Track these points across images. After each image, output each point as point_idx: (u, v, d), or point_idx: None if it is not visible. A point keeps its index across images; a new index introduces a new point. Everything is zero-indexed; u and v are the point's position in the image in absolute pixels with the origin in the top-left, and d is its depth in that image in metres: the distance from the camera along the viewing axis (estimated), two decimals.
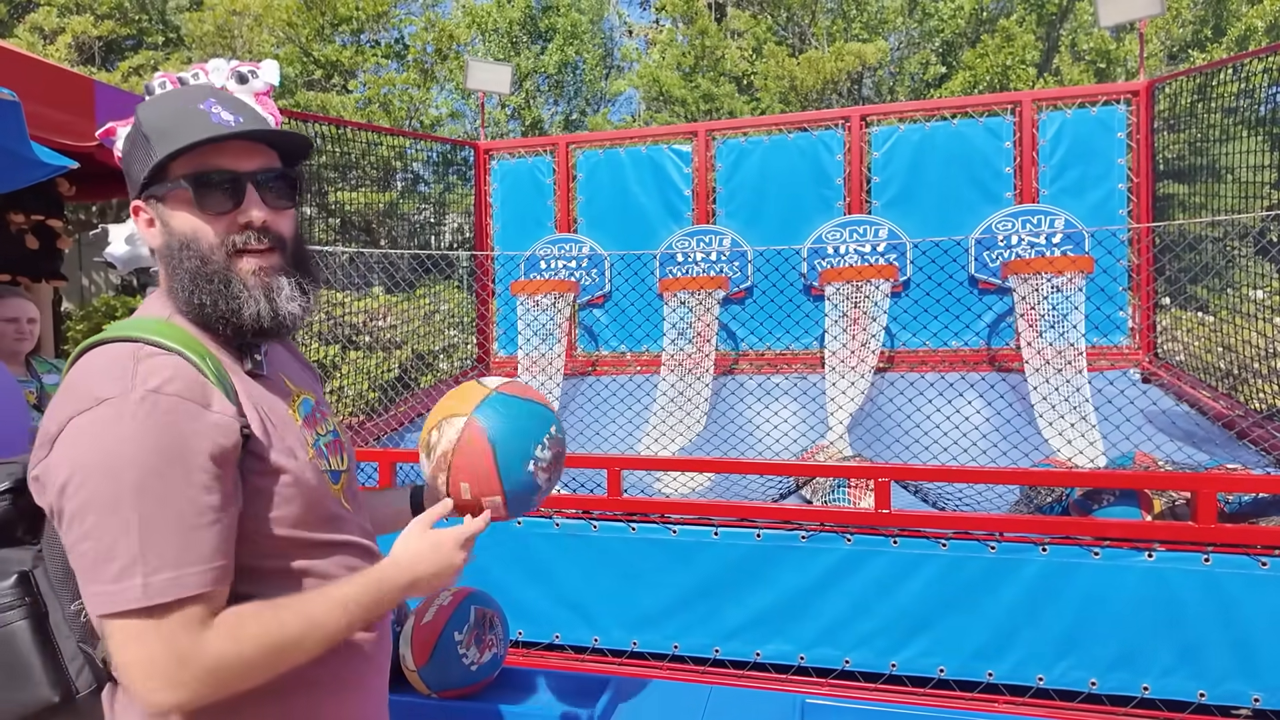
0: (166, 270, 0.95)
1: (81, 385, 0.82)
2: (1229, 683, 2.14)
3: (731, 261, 4.53)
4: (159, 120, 0.96)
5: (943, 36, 11.38)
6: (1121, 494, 2.54)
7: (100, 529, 0.77)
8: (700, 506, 2.59)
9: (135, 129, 0.98)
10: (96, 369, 0.83)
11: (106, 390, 0.79)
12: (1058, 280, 3.68)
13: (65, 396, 0.82)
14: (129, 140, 1.00)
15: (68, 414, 0.80)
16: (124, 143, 1.02)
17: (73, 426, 0.79)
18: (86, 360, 0.85)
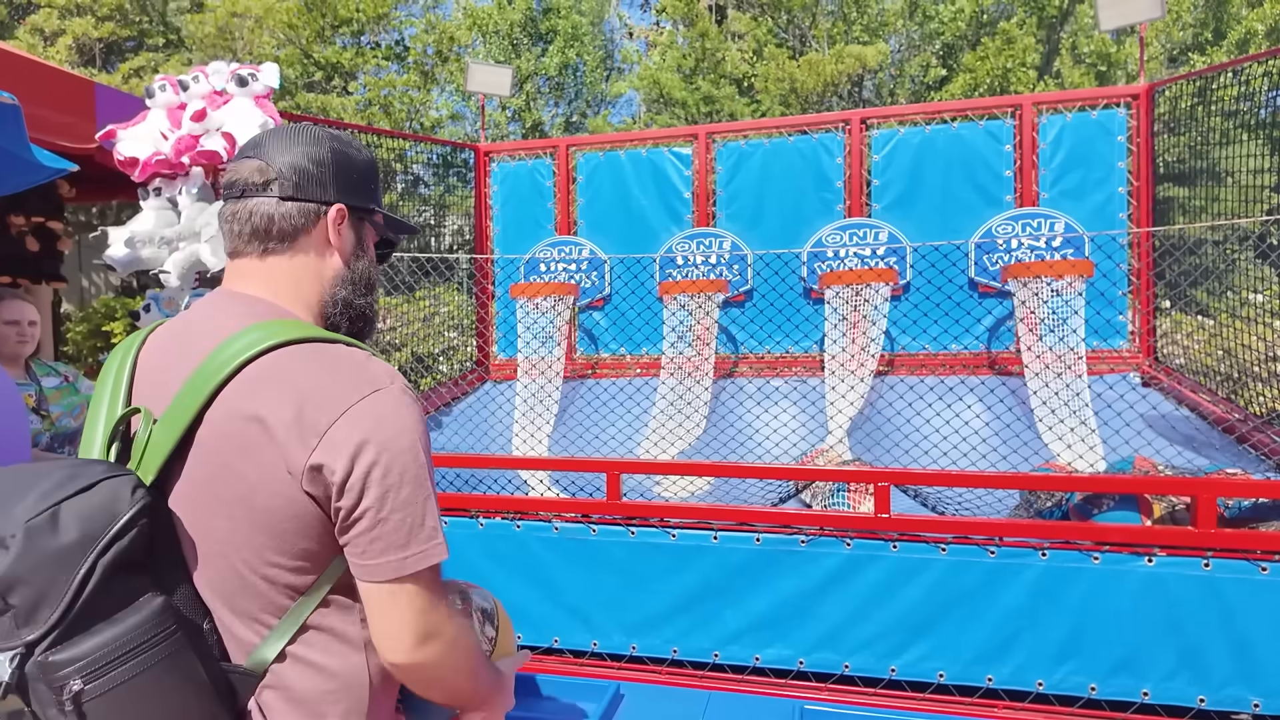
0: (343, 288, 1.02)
1: (339, 376, 0.85)
2: (1229, 688, 2.14)
3: (731, 264, 4.53)
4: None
5: (943, 39, 11.39)
6: (1121, 499, 2.54)
7: (415, 498, 0.85)
8: (700, 510, 2.59)
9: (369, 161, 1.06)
10: (351, 357, 0.88)
11: (375, 380, 0.86)
12: (1057, 284, 3.68)
13: (335, 373, 0.85)
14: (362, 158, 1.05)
15: (341, 403, 0.83)
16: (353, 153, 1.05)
17: (359, 411, 0.83)
18: (327, 352, 0.87)
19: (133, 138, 3.30)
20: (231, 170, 0.97)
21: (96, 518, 0.75)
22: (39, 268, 4.66)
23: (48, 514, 0.73)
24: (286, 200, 0.95)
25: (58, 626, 0.72)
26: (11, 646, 0.71)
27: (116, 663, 0.73)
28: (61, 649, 0.71)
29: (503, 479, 3.31)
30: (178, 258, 3.22)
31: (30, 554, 0.71)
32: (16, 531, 0.72)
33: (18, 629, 0.71)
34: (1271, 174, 3.62)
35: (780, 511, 2.62)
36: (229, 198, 0.98)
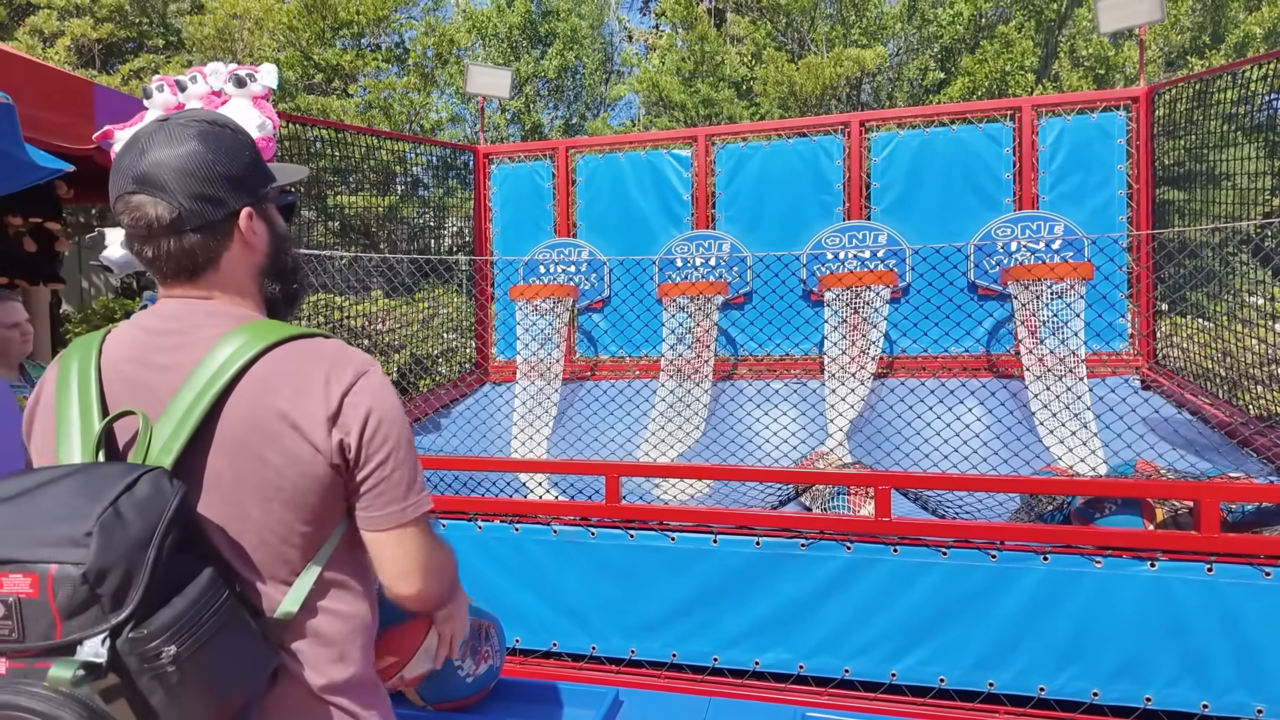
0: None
1: (335, 364, 0.99)
2: (1232, 694, 2.13)
3: (731, 267, 4.52)
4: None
5: (942, 42, 11.40)
6: (1123, 502, 2.53)
7: (408, 458, 1.02)
8: (699, 514, 2.58)
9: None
10: (334, 348, 1.01)
11: (363, 363, 1.01)
12: (1057, 286, 3.68)
13: (328, 362, 0.98)
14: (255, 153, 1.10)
15: (349, 376, 0.98)
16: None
17: (365, 383, 0.99)
18: (314, 346, 1.00)
19: None
20: (129, 210, 0.98)
21: (150, 508, 0.84)
22: (37, 268, 4.64)
23: (112, 510, 0.80)
24: (197, 230, 1.00)
25: (141, 605, 0.80)
26: (104, 629, 0.79)
27: (195, 625, 0.84)
28: (147, 624, 0.81)
29: (501, 481, 3.29)
30: None
31: (109, 547, 0.79)
32: (92, 529, 0.79)
33: (106, 614, 0.79)
34: (1269, 177, 3.62)
35: (780, 515, 2.61)
36: (137, 236, 1.00)
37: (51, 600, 0.78)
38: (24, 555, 0.79)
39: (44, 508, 0.82)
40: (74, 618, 0.78)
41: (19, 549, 0.79)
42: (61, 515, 0.81)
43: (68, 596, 0.78)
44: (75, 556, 0.78)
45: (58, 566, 0.78)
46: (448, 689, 1.82)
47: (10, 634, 0.79)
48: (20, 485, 0.85)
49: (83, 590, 0.78)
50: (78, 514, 0.80)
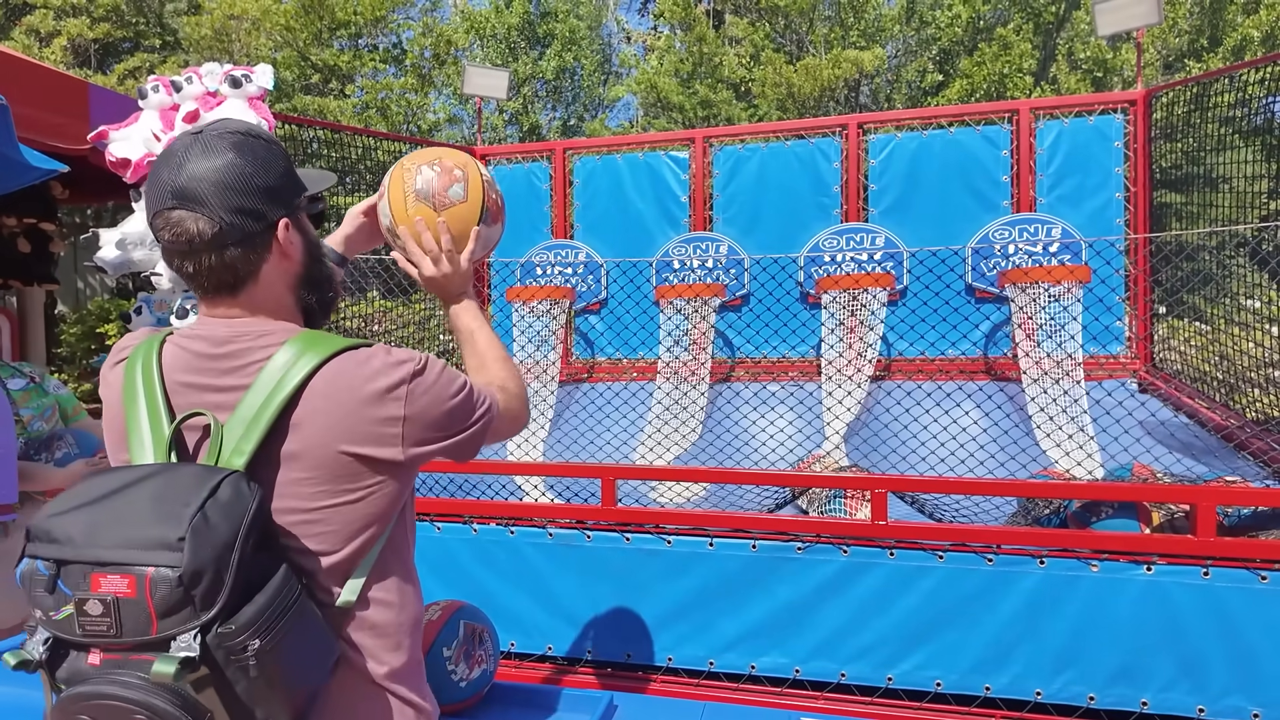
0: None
1: (394, 362, 1.02)
2: (1229, 698, 2.12)
3: (728, 269, 4.52)
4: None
5: (940, 44, 11.41)
6: (1120, 506, 2.53)
7: (457, 412, 1.08)
8: (695, 517, 2.57)
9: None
10: (382, 354, 1.03)
11: (417, 361, 1.05)
12: (1055, 289, 3.68)
13: (381, 377, 1.01)
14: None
15: (403, 379, 1.01)
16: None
17: (420, 383, 1.03)
18: (367, 354, 1.02)
19: (125, 139, 3.27)
20: (169, 226, 0.99)
21: (234, 511, 0.88)
22: (31, 269, 4.63)
23: (200, 515, 0.85)
24: (239, 244, 1.01)
25: (228, 603, 0.85)
26: (195, 625, 0.84)
27: (274, 620, 0.88)
28: (233, 620, 0.85)
29: (497, 484, 3.28)
30: None
31: (200, 550, 0.84)
32: (184, 534, 0.84)
33: (198, 613, 0.84)
34: (1267, 180, 3.62)
35: (777, 518, 2.60)
36: (177, 252, 1.01)
37: (149, 600, 0.83)
38: (121, 558, 0.84)
39: (135, 510, 0.87)
40: (169, 616, 0.84)
41: (116, 551, 0.84)
42: (152, 519, 0.86)
43: (164, 597, 0.83)
44: (170, 560, 0.83)
45: (155, 570, 0.83)
46: (441, 693, 1.81)
47: (108, 630, 0.84)
48: (107, 486, 0.89)
49: (178, 592, 0.83)
50: (168, 518, 0.85)
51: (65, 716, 0.86)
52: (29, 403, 2.44)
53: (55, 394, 2.55)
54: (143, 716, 0.83)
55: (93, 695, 0.84)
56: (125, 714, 0.84)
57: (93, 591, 0.83)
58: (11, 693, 1.68)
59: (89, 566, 0.84)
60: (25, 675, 1.78)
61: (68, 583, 0.84)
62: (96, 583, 0.83)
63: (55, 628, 0.86)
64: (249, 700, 0.88)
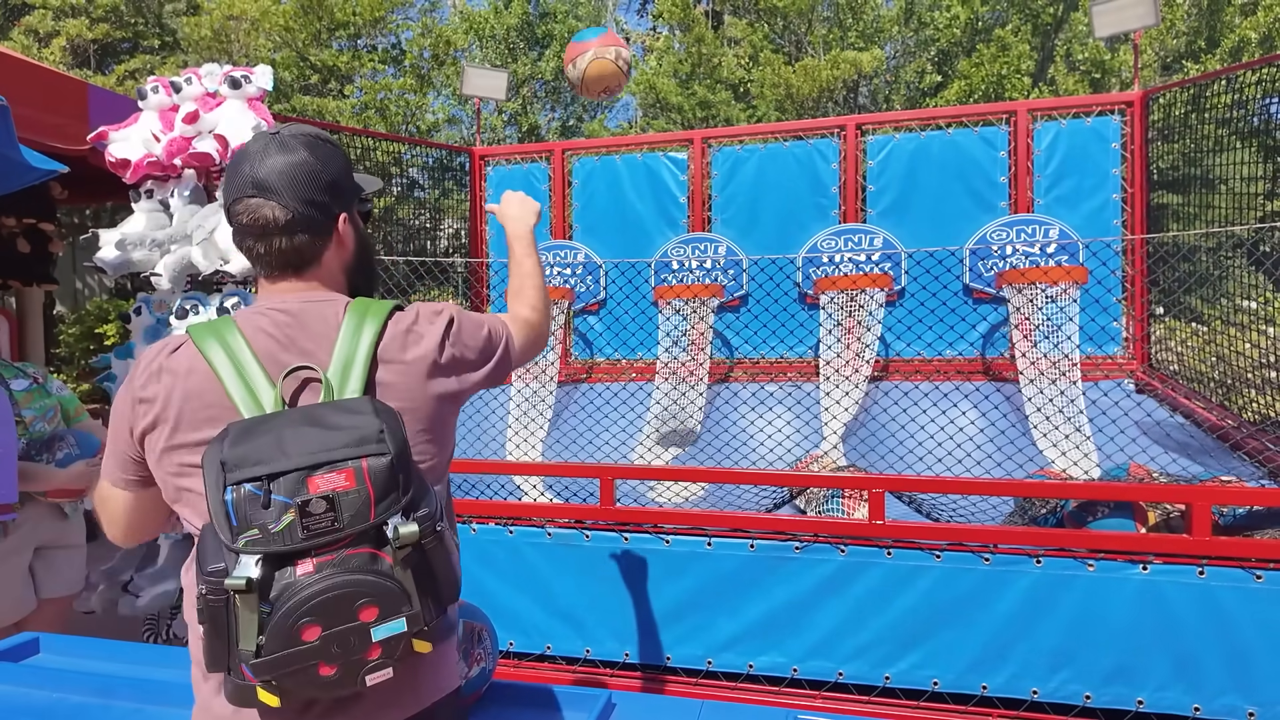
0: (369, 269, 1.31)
1: (434, 311, 1.20)
2: (1224, 697, 2.13)
3: (726, 269, 4.53)
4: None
5: (938, 46, 11.42)
6: (1116, 506, 2.54)
7: (488, 332, 1.27)
8: (693, 516, 2.58)
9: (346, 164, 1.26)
10: (427, 308, 1.21)
11: (449, 307, 1.23)
12: (1052, 290, 3.69)
13: (435, 320, 1.19)
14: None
15: (445, 321, 1.20)
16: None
17: (459, 318, 1.22)
18: (414, 309, 1.19)
19: (124, 139, 3.27)
20: (248, 211, 1.13)
21: (390, 418, 1.00)
22: (30, 269, 4.63)
23: (385, 416, 0.99)
24: (306, 231, 1.14)
25: (416, 489, 0.99)
26: (401, 507, 0.96)
27: (437, 524, 0.99)
28: (425, 504, 0.98)
29: (496, 484, 3.29)
30: (169, 260, 3.20)
31: (396, 439, 0.97)
32: (382, 428, 0.97)
33: (400, 496, 0.96)
34: (1264, 181, 3.64)
35: (774, 518, 2.61)
36: (252, 234, 1.14)
37: (370, 486, 0.93)
38: (334, 457, 0.94)
39: (312, 428, 0.96)
40: (383, 500, 0.94)
41: (326, 454, 0.94)
42: (341, 427, 0.96)
43: (383, 482, 0.94)
44: (380, 449, 0.95)
45: (370, 459, 0.94)
46: None
47: (332, 524, 0.92)
48: (264, 423, 0.98)
49: (391, 475, 0.94)
50: (356, 423, 0.97)
51: (289, 623, 0.90)
52: (32, 403, 2.45)
53: (58, 395, 2.56)
54: (370, 599, 0.92)
55: (323, 590, 0.90)
56: (352, 600, 0.91)
57: (312, 492, 0.92)
58: (12, 692, 1.69)
59: (303, 472, 0.92)
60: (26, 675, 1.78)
61: (283, 492, 0.92)
62: (313, 484, 0.92)
63: (274, 541, 0.91)
64: (436, 578, 0.98)
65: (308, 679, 0.92)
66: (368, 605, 0.92)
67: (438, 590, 1.00)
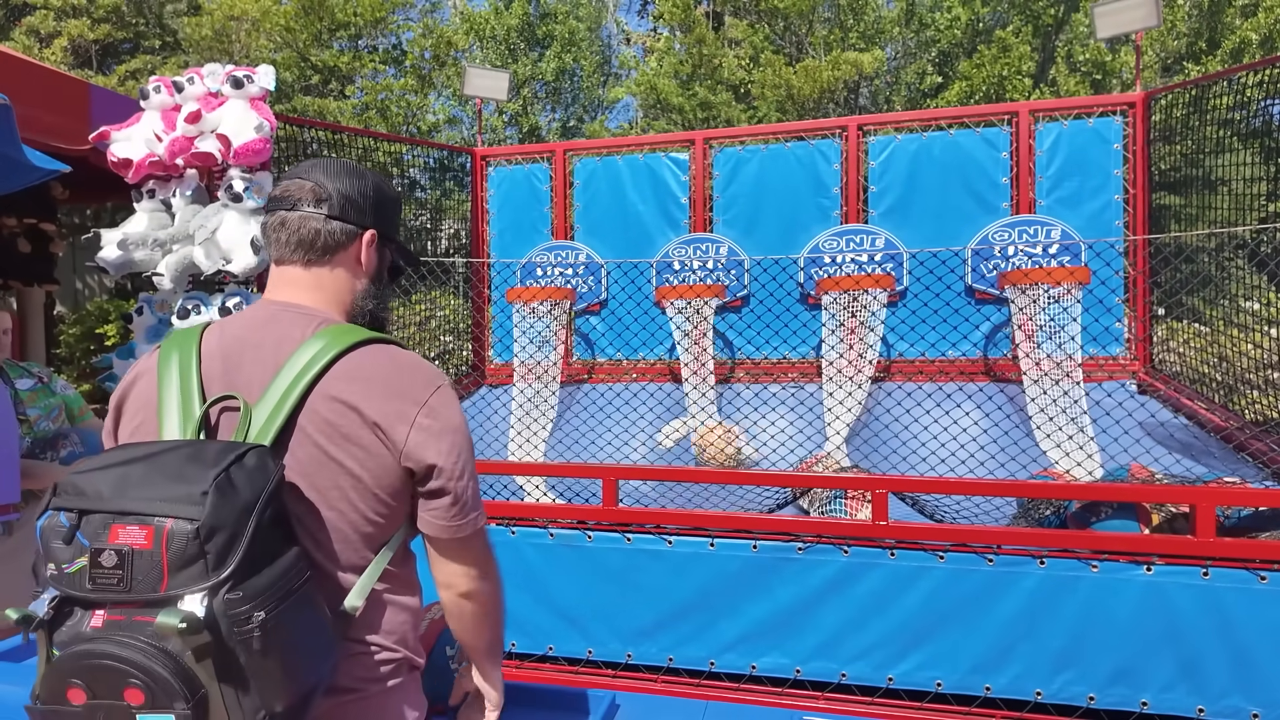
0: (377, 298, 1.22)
1: (415, 370, 1.08)
2: (1228, 698, 2.13)
3: (728, 270, 4.52)
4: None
5: (939, 47, 11.43)
6: (1120, 507, 2.53)
7: (473, 475, 1.11)
8: (696, 517, 2.57)
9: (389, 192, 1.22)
10: (411, 360, 1.10)
11: (437, 377, 1.10)
12: (1054, 291, 3.68)
13: (401, 381, 1.06)
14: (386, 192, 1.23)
15: (424, 390, 1.06)
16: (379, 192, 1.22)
17: (434, 403, 1.06)
18: (394, 354, 1.09)
19: (126, 139, 3.27)
20: (283, 187, 1.14)
21: (256, 479, 0.90)
22: (31, 269, 4.62)
23: (225, 475, 0.87)
24: (333, 219, 1.13)
25: (239, 568, 0.86)
26: (204, 587, 0.84)
27: (282, 595, 0.89)
28: (242, 587, 0.86)
29: (498, 484, 3.29)
30: (171, 260, 3.19)
31: (221, 507, 0.85)
32: (208, 489, 0.85)
33: (208, 573, 0.84)
34: (1265, 182, 3.63)
35: (778, 518, 2.60)
36: (277, 208, 1.13)
37: (164, 552, 0.84)
38: (143, 509, 0.85)
39: (163, 471, 0.89)
40: (180, 571, 0.84)
41: (139, 503, 0.86)
42: (178, 477, 0.88)
43: (179, 550, 0.84)
44: (190, 513, 0.85)
45: (174, 521, 0.84)
46: (444, 691, 1.81)
47: (118, 583, 0.84)
48: (138, 451, 0.92)
49: (194, 545, 0.84)
50: (193, 476, 0.87)
51: (58, 679, 0.84)
52: (36, 402, 2.45)
53: (62, 394, 2.56)
54: (138, 681, 0.82)
55: (91, 654, 0.83)
56: (120, 678, 0.82)
57: (110, 542, 0.84)
58: (12, 692, 1.68)
59: (110, 516, 0.85)
60: (27, 675, 1.78)
61: (86, 533, 0.86)
62: (115, 533, 0.85)
63: (65, 583, 0.86)
64: (245, 681, 0.86)
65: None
66: (131, 687, 0.82)
67: (254, 693, 0.87)
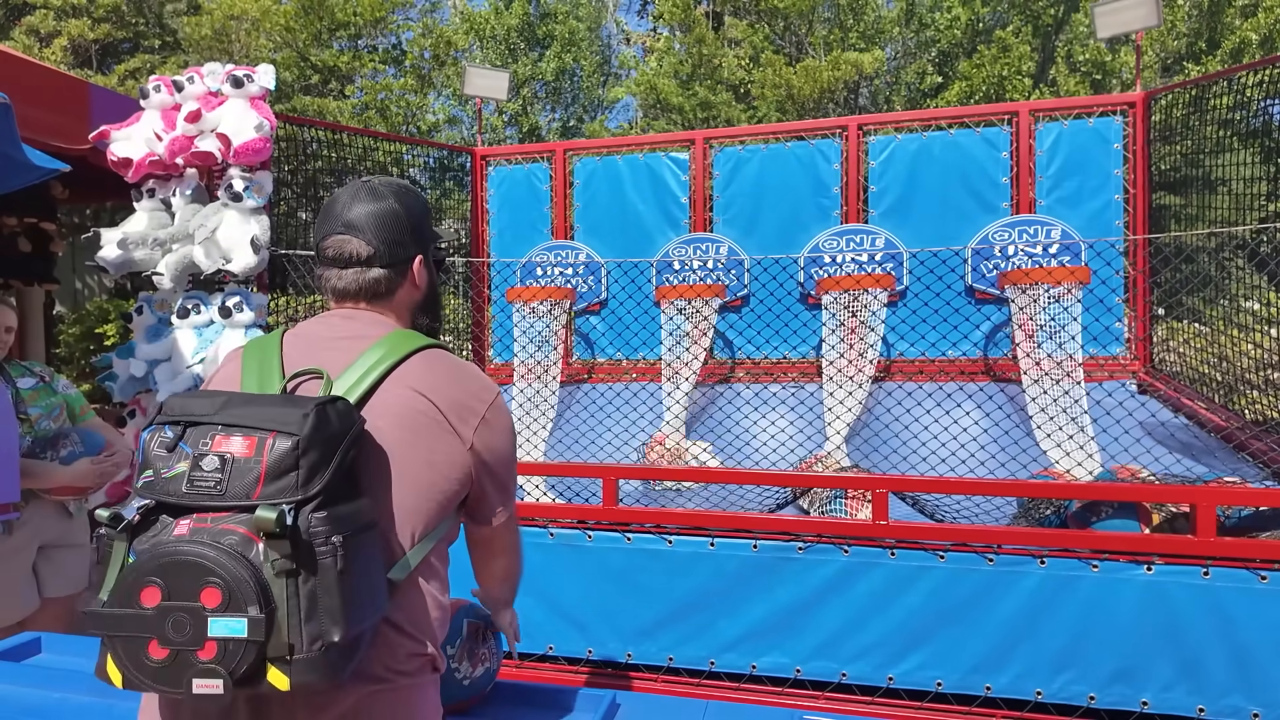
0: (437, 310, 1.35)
1: (478, 377, 1.21)
2: (1229, 698, 2.13)
3: (728, 269, 4.52)
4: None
5: (939, 47, 11.43)
6: (1120, 506, 2.53)
7: (514, 469, 1.27)
8: (696, 517, 2.57)
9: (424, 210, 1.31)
10: (474, 368, 1.22)
11: (493, 385, 1.22)
12: (1054, 291, 3.68)
13: (469, 382, 1.18)
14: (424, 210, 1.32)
15: (488, 394, 1.19)
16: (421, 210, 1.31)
17: (496, 407, 1.19)
18: (458, 361, 1.21)
19: (126, 138, 3.27)
20: (335, 245, 1.20)
21: (345, 420, 0.98)
22: (31, 269, 4.62)
23: (321, 407, 0.94)
24: (385, 268, 1.22)
25: (323, 493, 0.91)
26: (293, 500, 0.90)
27: (356, 529, 0.94)
28: (325, 509, 0.91)
29: None
30: (171, 259, 3.19)
31: (318, 431, 0.92)
32: (309, 412, 0.92)
33: (298, 487, 0.90)
34: (1265, 182, 3.64)
35: (778, 518, 2.60)
36: (337, 265, 1.21)
37: (264, 461, 0.90)
38: (251, 422, 0.92)
39: (264, 402, 0.97)
40: (275, 481, 0.90)
41: (246, 418, 0.93)
42: (281, 403, 0.96)
43: (277, 460, 0.90)
44: (292, 429, 0.91)
45: (277, 435, 0.91)
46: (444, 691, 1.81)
47: (215, 487, 0.89)
48: (238, 395, 1.00)
49: (290, 458, 0.90)
50: (295, 404, 0.95)
51: (137, 578, 0.86)
52: (37, 401, 2.44)
53: (63, 393, 2.56)
54: (218, 582, 0.84)
55: (177, 552, 0.86)
56: (201, 575, 0.85)
57: (213, 449, 0.90)
58: (13, 692, 1.68)
59: (217, 428, 0.92)
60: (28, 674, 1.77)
61: (190, 442, 0.91)
62: (219, 442, 0.91)
63: (158, 489, 0.90)
64: (310, 606, 0.89)
65: (138, 656, 0.85)
66: (211, 587, 0.84)
67: (317, 618, 0.89)
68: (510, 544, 1.37)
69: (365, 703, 1.04)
